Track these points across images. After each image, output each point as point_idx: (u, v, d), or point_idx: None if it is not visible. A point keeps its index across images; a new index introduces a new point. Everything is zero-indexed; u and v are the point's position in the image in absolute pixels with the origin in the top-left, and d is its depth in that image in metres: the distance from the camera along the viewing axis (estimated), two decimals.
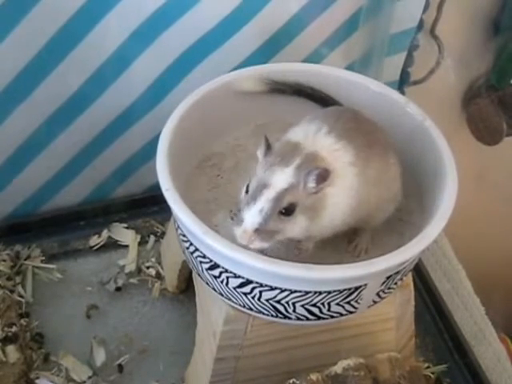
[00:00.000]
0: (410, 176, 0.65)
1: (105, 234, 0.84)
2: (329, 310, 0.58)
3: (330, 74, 0.70)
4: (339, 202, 0.57)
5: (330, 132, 0.58)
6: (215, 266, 0.57)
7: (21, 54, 0.72)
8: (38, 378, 0.71)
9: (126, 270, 0.81)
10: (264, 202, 0.54)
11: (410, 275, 0.65)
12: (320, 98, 0.69)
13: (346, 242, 0.63)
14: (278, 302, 0.57)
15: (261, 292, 0.57)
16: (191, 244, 0.59)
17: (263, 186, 0.54)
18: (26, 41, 0.71)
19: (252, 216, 0.54)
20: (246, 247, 0.54)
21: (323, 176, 0.55)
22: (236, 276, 0.57)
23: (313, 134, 0.58)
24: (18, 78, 0.74)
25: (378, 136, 0.61)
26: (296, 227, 0.55)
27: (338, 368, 0.60)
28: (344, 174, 0.57)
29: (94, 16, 0.72)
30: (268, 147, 0.57)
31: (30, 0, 0.69)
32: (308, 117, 0.61)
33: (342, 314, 0.59)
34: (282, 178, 0.54)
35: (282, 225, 0.55)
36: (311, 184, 0.55)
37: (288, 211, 0.54)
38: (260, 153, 0.57)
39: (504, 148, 1.01)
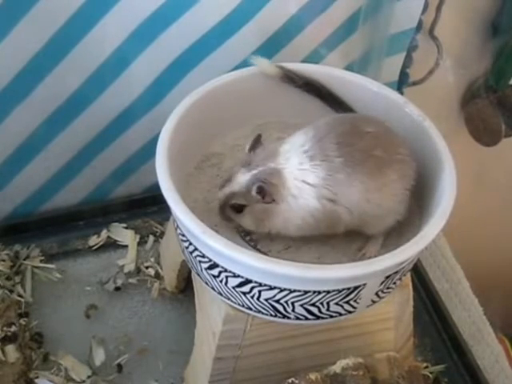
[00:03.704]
0: None
1: (104, 233, 0.84)
2: (328, 309, 0.58)
3: (330, 74, 0.70)
4: (289, 218, 0.59)
5: (309, 150, 0.59)
6: (214, 266, 0.58)
7: (20, 54, 0.72)
8: (37, 377, 0.71)
9: (126, 270, 0.81)
10: (222, 193, 0.60)
11: (408, 275, 0.65)
12: (329, 95, 0.69)
13: (355, 249, 0.63)
14: (277, 301, 0.57)
15: (260, 291, 0.57)
16: (190, 243, 0.59)
17: (228, 180, 0.60)
18: (25, 41, 0.71)
19: (218, 199, 0.61)
20: None
21: (263, 190, 0.58)
22: (235, 275, 0.57)
23: (294, 149, 0.60)
24: (17, 78, 0.74)
25: (376, 153, 0.59)
26: (244, 223, 0.61)
27: (337, 367, 0.61)
28: (299, 194, 0.58)
29: (93, 16, 0.72)
30: (254, 146, 0.61)
31: (28, 0, 0.69)
32: (316, 123, 0.62)
33: (341, 314, 0.59)
34: (239, 181, 0.60)
35: (233, 217, 0.61)
36: (254, 194, 0.59)
37: (236, 209, 0.60)
38: (247, 147, 0.61)
39: (503, 149, 1.01)
